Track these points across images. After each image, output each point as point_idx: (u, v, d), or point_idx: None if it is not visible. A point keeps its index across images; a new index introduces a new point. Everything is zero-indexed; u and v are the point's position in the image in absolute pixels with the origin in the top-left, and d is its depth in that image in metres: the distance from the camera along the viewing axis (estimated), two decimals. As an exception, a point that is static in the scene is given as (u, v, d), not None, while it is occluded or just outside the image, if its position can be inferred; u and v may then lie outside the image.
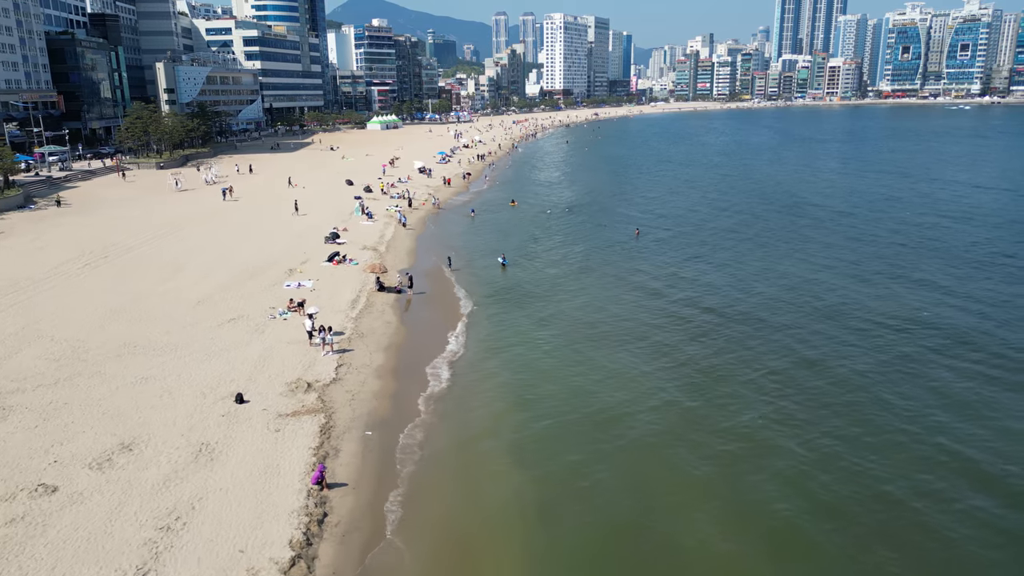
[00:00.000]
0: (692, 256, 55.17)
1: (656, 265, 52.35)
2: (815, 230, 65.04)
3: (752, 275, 48.99)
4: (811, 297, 43.73)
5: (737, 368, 32.72)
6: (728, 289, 45.73)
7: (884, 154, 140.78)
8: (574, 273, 50.41)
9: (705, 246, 58.79)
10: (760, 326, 38.42)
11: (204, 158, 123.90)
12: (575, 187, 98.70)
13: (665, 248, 58.26)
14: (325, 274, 47.57)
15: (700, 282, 47.55)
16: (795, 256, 54.68)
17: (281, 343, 34.34)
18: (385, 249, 56.28)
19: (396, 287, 45.23)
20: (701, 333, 37.55)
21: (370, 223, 67.14)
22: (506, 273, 50.95)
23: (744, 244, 59.12)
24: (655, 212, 76.63)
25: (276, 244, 56.35)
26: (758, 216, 72.57)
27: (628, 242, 61.17)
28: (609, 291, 45.67)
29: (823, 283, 46.91)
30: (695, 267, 51.59)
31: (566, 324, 39.34)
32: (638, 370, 32.93)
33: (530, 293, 45.37)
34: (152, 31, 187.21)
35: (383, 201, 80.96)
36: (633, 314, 40.92)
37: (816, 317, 39.86)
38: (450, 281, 48.24)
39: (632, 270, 51.05)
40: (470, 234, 65.45)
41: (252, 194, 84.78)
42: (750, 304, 42.33)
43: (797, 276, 48.78)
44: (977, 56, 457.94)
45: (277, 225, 65.25)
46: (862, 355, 34.08)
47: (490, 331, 38.32)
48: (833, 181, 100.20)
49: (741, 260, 53.53)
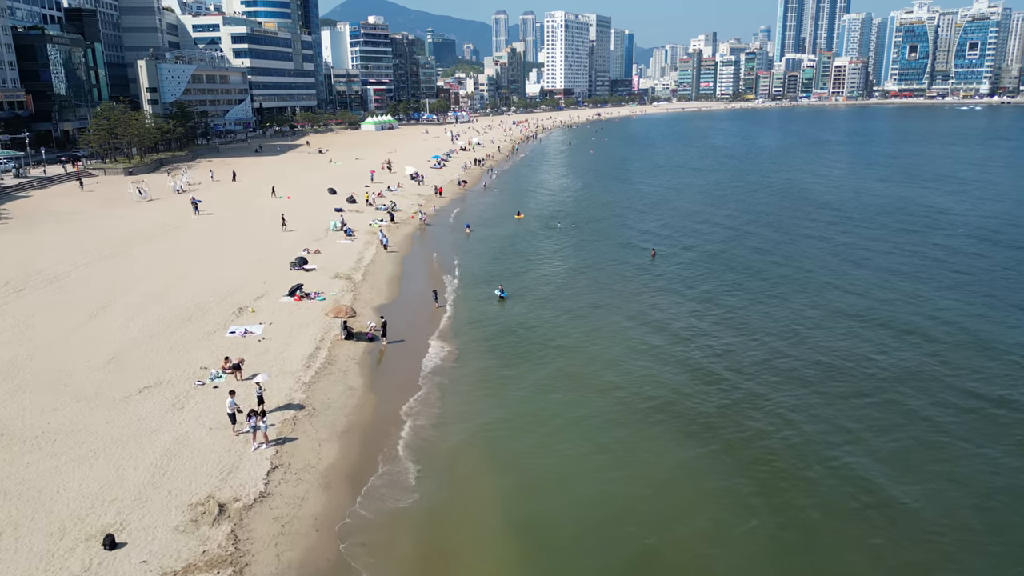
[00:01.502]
0: (719, 288, 46.33)
1: (678, 300, 43.53)
2: (858, 251, 56.23)
3: (796, 318, 40.16)
4: (879, 353, 34.96)
5: (783, 453, 24.03)
6: (767, 337, 36.89)
7: (911, 160, 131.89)
8: (584, 311, 41.63)
9: (732, 272, 49.97)
10: (809, 397, 29.67)
11: (181, 163, 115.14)
12: (582, 196, 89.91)
13: (686, 275, 49.42)
14: (282, 314, 38.82)
15: (734, 325, 38.72)
16: (842, 288, 45.87)
17: (201, 428, 25.59)
18: (361, 277, 47.50)
19: (367, 333, 36.48)
20: (737, 403, 28.82)
21: (348, 242, 58.36)
22: (504, 309, 42.20)
23: (778, 271, 50.22)
24: (671, 226, 67.84)
25: (233, 272, 47.60)
26: (788, 233, 63.73)
27: (644, 266, 52.45)
28: (626, 338, 36.84)
29: (886, 329, 38.16)
30: (724, 303, 42.72)
31: (575, 389, 30.58)
32: (674, 463, 24.25)
33: (530, 340, 36.59)
34: (135, 27, 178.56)
35: (367, 214, 72.20)
36: (656, 372, 32.19)
37: (890, 386, 31.11)
38: (435, 323, 39.47)
39: (650, 306, 42.26)
40: (464, 256, 56.68)
41: (227, 204, 76.00)
42: (796, 362, 33.52)
43: (851, 315, 40.01)
44: (986, 55, 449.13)
45: (244, 245, 56.47)
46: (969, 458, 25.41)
47: (479, 402, 29.61)
48: (866, 191, 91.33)
49: (779, 294, 44.71)
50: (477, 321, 39.84)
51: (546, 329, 38.07)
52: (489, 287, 46.08)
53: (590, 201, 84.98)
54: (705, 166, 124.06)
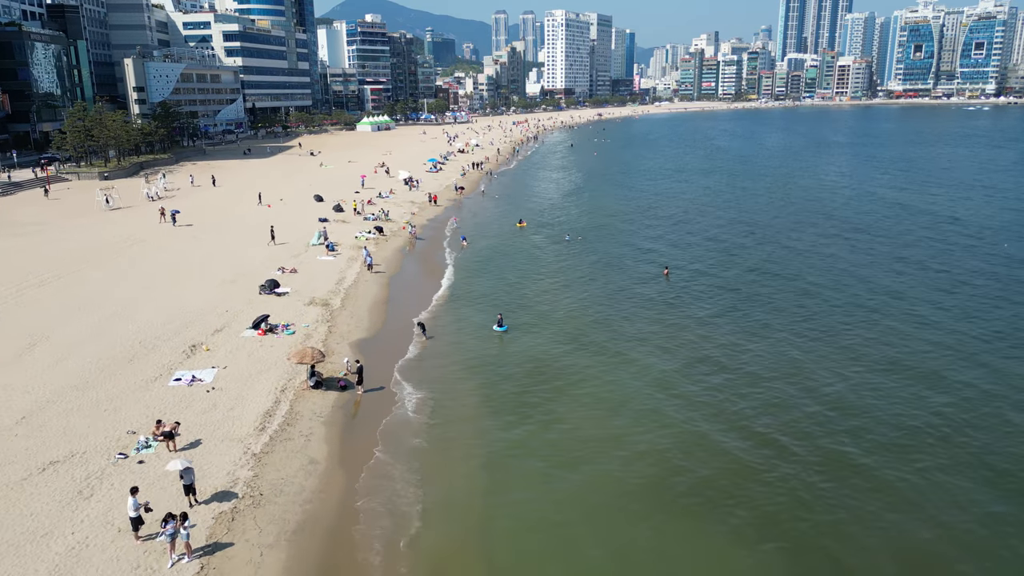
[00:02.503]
0: (742, 319, 40.40)
1: (699, 332, 37.48)
2: (898, 278, 50.30)
3: (837, 358, 34.29)
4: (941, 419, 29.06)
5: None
6: (805, 392, 31.00)
7: (931, 163, 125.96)
8: (595, 351, 35.55)
9: (755, 300, 44.02)
10: (864, 471, 23.82)
11: (163, 166, 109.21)
12: (588, 203, 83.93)
13: (704, 301, 43.45)
14: (241, 355, 32.89)
15: (765, 375, 32.82)
16: (888, 330, 39.93)
17: (107, 531, 19.64)
18: (340, 304, 41.53)
19: (339, 380, 30.58)
20: (783, 488, 22.93)
21: (330, 259, 52.39)
22: (503, 346, 36.26)
23: (806, 305, 44.23)
24: (682, 238, 61.85)
25: (193, 297, 41.67)
26: (812, 253, 57.74)
27: (657, 288, 46.52)
28: (644, 393, 30.84)
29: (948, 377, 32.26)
30: (751, 341, 36.79)
31: (586, 465, 24.57)
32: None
33: (532, 393, 30.55)
34: (123, 24, 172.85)
35: (355, 224, 66.28)
36: (684, 439, 26.29)
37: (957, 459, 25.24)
38: (422, 365, 33.51)
39: (669, 345, 36.20)
40: (459, 274, 50.72)
41: (204, 213, 70.05)
42: (845, 426, 27.66)
43: (907, 369, 34.11)
44: (992, 55, 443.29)
45: (213, 262, 50.53)
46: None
47: (471, 483, 23.69)
48: (892, 200, 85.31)
49: (810, 333, 38.80)
50: (472, 363, 33.87)
51: (550, 377, 32.07)
52: (486, 315, 40.16)
53: (596, 209, 79.05)
54: (713, 169, 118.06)
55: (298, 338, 35.07)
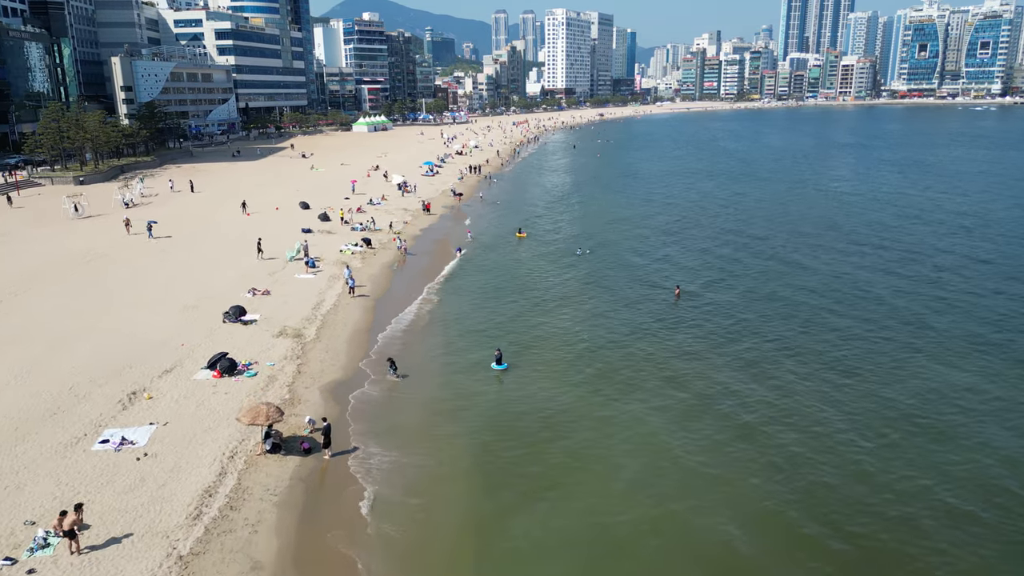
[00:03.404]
0: (764, 346, 35.06)
1: (718, 379, 32.19)
2: (944, 304, 44.94)
3: (870, 418, 28.98)
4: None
5: None
6: (843, 441, 25.67)
7: (955, 166, 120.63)
8: (605, 394, 30.24)
9: (775, 322, 38.62)
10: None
11: (146, 169, 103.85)
12: (593, 210, 78.49)
13: (721, 326, 38.09)
14: (189, 405, 27.52)
15: (791, 419, 27.52)
16: (934, 369, 34.60)
17: None
18: (315, 334, 36.13)
19: (302, 441, 25.22)
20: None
21: (309, 277, 47.00)
22: (502, 388, 30.92)
23: (831, 331, 38.86)
24: (694, 252, 56.21)
25: (146, 326, 36.28)
26: (836, 267, 52.39)
27: (669, 310, 41.17)
28: (660, 448, 25.59)
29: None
30: (778, 374, 31.50)
31: (599, 561, 19.35)
32: None
33: (539, 457, 25.21)
34: (111, 22, 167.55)
35: (341, 235, 60.90)
36: (714, 518, 21.03)
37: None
38: (403, 416, 28.09)
39: (681, 375, 31.08)
40: (451, 294, 45.33)
41: (181, 222, 64.67)
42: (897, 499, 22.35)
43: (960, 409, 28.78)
44: (998, 54, 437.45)
45: (179, 281, 45.16)
46: None
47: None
48: (920, 208, 79.98)
49: (844, 360, 33.47)
50: (466, 414, 28.46)
51: (560, 434, 26.64)
52: (481, 348, 34.76)
53: (601, 217, 73.65)
54: (721, 172, 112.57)
55: (259, 382, 29.70)
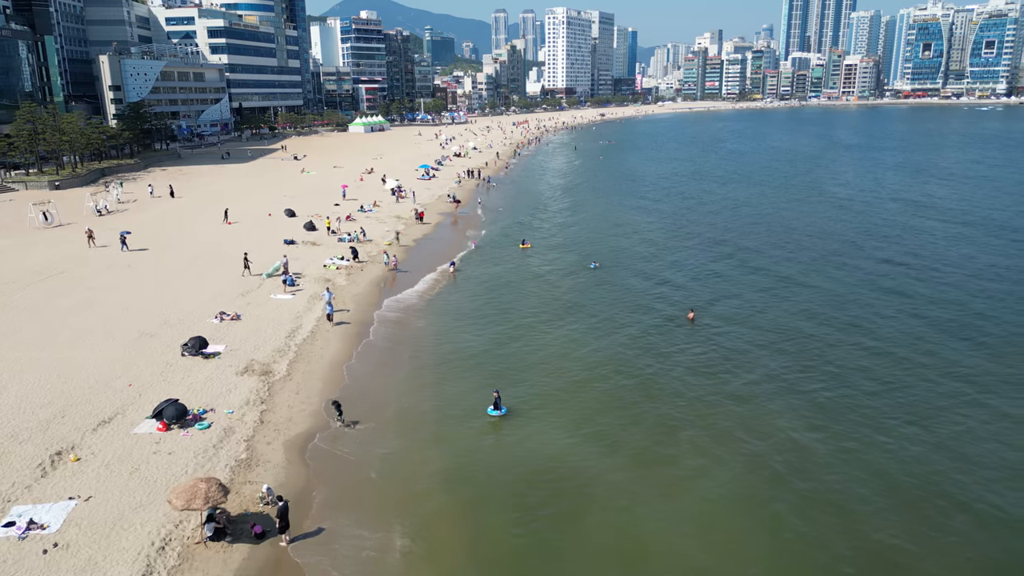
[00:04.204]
0: (785, 388, 30.49)
1: (740, 421, 27.64)
2: (971, 313, 40.35)
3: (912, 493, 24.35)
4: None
5: None
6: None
7: (978, 169, 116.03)
8: (621, 445, 25.71)
9: (799, 355, 33.98)
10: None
11: (129, 172, 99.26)
12: (599, 219, 73.74)
13: (741, 357, 33.49)
14: (122, 470, 22.81)
15: (819, 470, 22.93)
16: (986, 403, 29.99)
17: None
18: (286, 371, 31.44)
19: (253, 523, 20.55)
20: None
21: (287, 297, 42.31)
22: (499, 438, 26.30)
23: (864, 354, 34.24)
24: (707, 266, 51.46)
25: (92, 362, 31.61)
26: (861, 280, 47.76)
27: (682, 335, 36.55)
28: (682, 512, 21.06)
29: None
30: (795, 423, 26.94)
31: None
32: None
33: (546, 538, 20.68)
34: (101, 20, 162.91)
35: (327, 246, 56.25)
36: None
37: None
38: (374, 487, 23.38)
39: (698, 418, 26.47)
40: (445, 318, 40.62)
41: (157, 232, 60.05)
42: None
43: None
44: (1003, 54, 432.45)
45: (140, 303, 40.51)
46: None
47: None
48: (941, 212, 75.46)
49: (883, 402, 28.88)
50: (456, 474, 23.86)
51: (566, 503, 22.11)
52: (476, 388, 30.12)
53: (608, 225, 68.96)
54: (731, 176, 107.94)
55: (212, 436, 25.05)
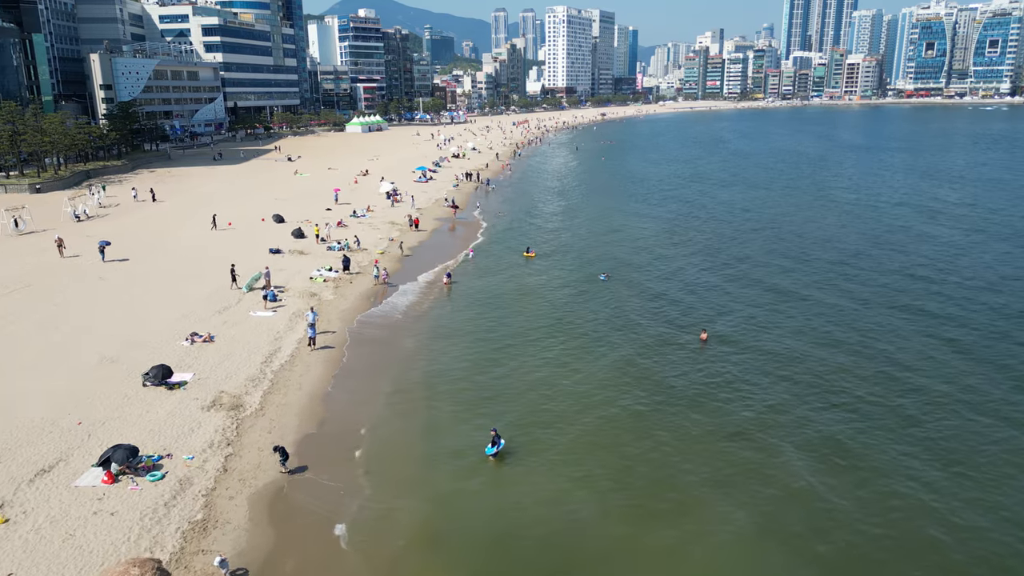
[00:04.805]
0: (807, 415, 27.19)
1: (759, 465, 24.29)
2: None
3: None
4: None
5: None
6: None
7: (997, 171, 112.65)
8: (632, 495, 22.42)
9: (819, 380, 30.73)
10: None
11: (116, 174, 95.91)
12: (604, 225, 70.30)
13: (748, 381, 30.20)
14: (54, 536, 19.38)
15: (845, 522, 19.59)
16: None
17: None
18: (259, 402, 28.07)
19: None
20: None
21: (267, 315, 38.91)
22: (498, 486, 22.94)
23: (891, 386, 30.96)
24: (718, 279, 48.09)
25: (41, 395, 28.28)
26: (884, 294, 44.43)
27: (691, 359, 33.19)
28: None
29: None
30: (825, 464, 23.64)
31: None
32: None
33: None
34: (92, 17, 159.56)
35: (315, 255, 52.90)
36: None
37: None
38: (350, 556, 20.06)
39: (708, 461, 23.13)
40: (440, 339, 37.22)
41: (136, 240, 56.66)
42: None
43: None
44: (1007, 53, 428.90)
45: (103, 325, 37.19)
46: None
47: None
48: (964, 220, 72.10)
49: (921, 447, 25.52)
50: (447, 531, 20.53)
51: (573, 564, 18.82)
52: (471, 422, 26.78)
53: (614, 231, 65.56)
54: (736, 180, 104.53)
55: (165, 490, 21.69)
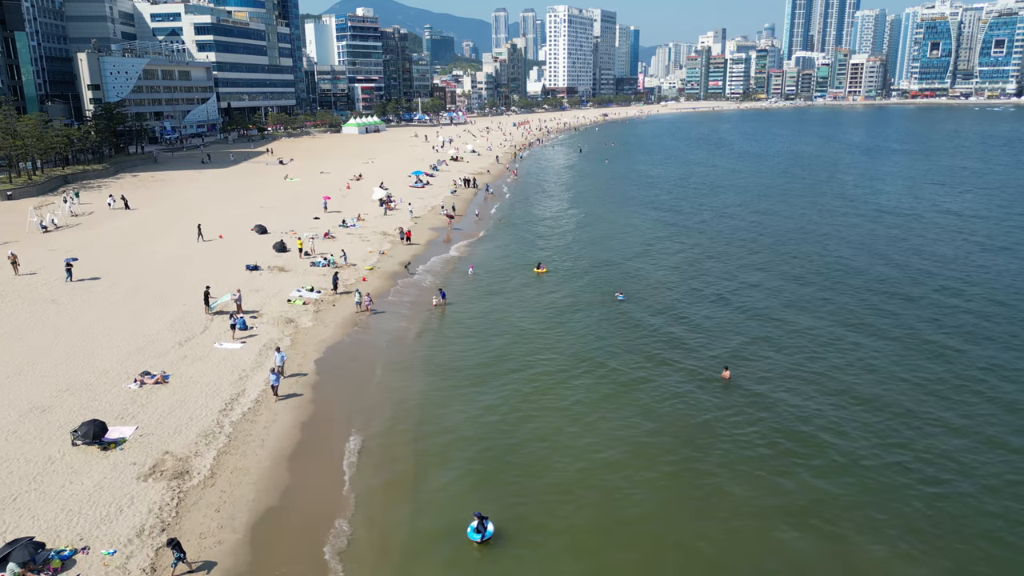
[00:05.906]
0: (860, 481, 22.62)
1: (788, 512, 19.72)
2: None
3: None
4: None
5: None
6: None
7: (1014, 173, 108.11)
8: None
9: (865, 427, 26.13)
10: None
11: (96, 179, 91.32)
12: (611, 236, 65.73)
13: (781, 428, 25.61)
14: None
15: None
16: None
17: None
18: (210, 467, 23.39)
19: None
20: None
21: (234, 347, 34.20)
22: (482, 568, 18.40)
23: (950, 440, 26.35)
24: (740, 306, 43.53)
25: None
26: (925, 317, 39.78)
27: (713, 401, 28.59)
28: None
29: None
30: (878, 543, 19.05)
31: None
32: None
33: None
34: (81, 16, 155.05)
35: (297, 272, 48.27)
36: None
37: None
38: None
39: (734, 546, 18.53)
40: (419, 375, 32.49)
41: (111, 256, 52.09)
42: None
43: None
44: (1013, 53, 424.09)
45: (44, 361, 32.54)
46: None
47: None
48: (997, 232, 67.50)
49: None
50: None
51: None
52: (457, 497, 22.15)
53: (624, 245, 60.84)
54: (749, 186, 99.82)
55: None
